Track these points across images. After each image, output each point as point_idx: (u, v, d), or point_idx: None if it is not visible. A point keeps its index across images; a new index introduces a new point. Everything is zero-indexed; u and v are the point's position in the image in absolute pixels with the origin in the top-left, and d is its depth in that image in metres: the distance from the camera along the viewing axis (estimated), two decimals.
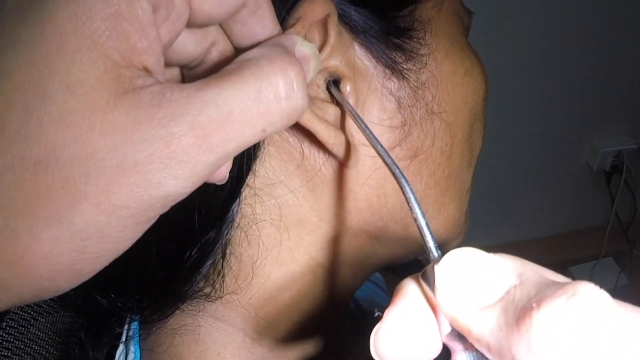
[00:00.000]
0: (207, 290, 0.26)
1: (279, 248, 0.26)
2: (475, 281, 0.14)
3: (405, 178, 0.19)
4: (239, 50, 0.21)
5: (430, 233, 0.18)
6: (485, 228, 1.34)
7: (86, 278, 0.16)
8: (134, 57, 0.15)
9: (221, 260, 0.25)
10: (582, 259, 1.38)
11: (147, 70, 0.16)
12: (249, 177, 0.24)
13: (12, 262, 0.14)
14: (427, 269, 0.16)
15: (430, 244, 0.18)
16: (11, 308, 0.14)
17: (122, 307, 0.26)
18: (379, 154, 0.21)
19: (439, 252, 0.17)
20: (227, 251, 0.25)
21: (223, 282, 0.26)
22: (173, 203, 0.16)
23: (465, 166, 0.30)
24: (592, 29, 1.10)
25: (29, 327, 0.41)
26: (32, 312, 0.41)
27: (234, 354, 0.27)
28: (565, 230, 1.41)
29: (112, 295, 0.26)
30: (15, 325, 0.40)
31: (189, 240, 0.24)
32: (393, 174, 0.20)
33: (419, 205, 0.18)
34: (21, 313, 0.41)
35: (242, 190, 0.24)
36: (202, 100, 0.15)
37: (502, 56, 1.05)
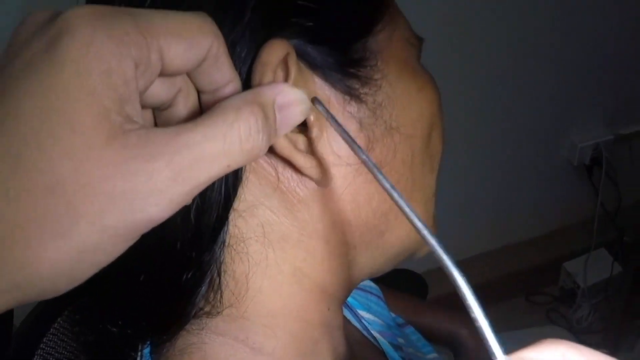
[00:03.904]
0: (207, 308, 0.29)
1: (266, 262, 0.28)
2: None
3: (408, 204, 0.21)
4: (202, 94, 0.24)
5: (487, 324, 0.17)
6: (476, 236, 1.36)
7: (80, 282, 0.19)
8: (121, 105, 0.19)
9: (217, 278, 0.28)
10: (575, 253, 1.40)
11: (129, 115, 0.19)
12: (234, 203, 0.27)
13: (24, 266, 0.18)
14: None
15: (492, 342, 0.17)
16: (19, 304, 0.19)
17: (132, 335, 0.29)
18: (373, 174, 0.23)
19: (503, 350, 0.17)
20: (222, 269, 0.28)
21: (221, 298, 0.28)
22: (154, 225, 0.20)
23: (428, 172, 0.33)
24: (563, 22, 1.12)
25: None
26: None
27: None
28: (555, 228, 1.44)
29: (121, 323, 0.28)
30: None
31: (187, 264, 0.27)
32: (392, 198, 0.22)
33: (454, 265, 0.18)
34: None
35: (229, 214, 0.27)
36: (178, 142, 0.19)
37: (472, 60, 1.09)
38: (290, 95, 0.24)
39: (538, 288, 1.43)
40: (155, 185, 0.19)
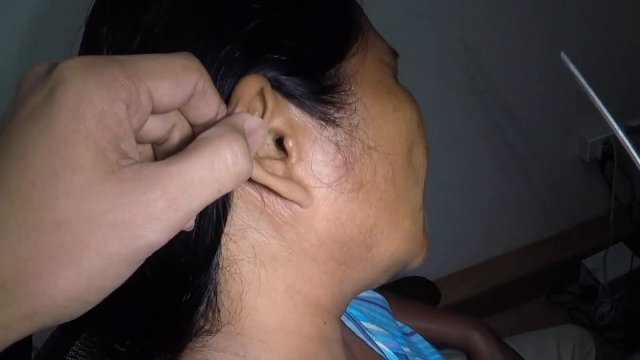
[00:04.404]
0: (207, 326, 0.31)
1: (259, 281, 0.30)
2: None
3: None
4: (195, 127, 0.27)
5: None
6: (493, 239, 1.36)
7: (91, 306, 0.21)
8: (116, 143, 0.21)
9: (214, 298, 0.30)
10: (594, 249, 1.39)
11: (125, 152, 0.21)
12: (225, 227, 0.29)
13: (39, 295, 0.20)
14: None
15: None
16: (38, 330, 0.21)
17: (140, 354, 0.31)
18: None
19: None
20: (217, 290, 0.30)
21: (219, 316, 0.30)
22: (155, 250, 0.22)
23: (412, 186, 0.34)
24: (568, 15, 1.11)
25: None
26: None
27: None
28: (572, 226, 1.43)
29: (128, 344, 0.31)
30: None
31: (186, 286, 0.29)
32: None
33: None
34: None
35: (221, 238, 0.29)
36: (170, 173, 0.21)
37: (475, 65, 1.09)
38: (254, 122, 0.26)
39: (559, 287, 1.42)
40: (152, 213, 0.21)
